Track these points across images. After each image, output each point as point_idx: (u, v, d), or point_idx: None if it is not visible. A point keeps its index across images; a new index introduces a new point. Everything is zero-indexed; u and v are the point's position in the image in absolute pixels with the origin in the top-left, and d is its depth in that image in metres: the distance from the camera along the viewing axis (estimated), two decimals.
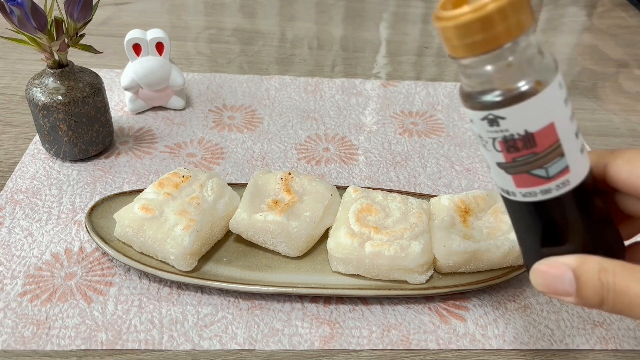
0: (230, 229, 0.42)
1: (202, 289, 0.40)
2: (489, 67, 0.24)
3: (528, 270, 0.28)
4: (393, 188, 0.51)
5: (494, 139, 0.26)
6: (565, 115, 0.25)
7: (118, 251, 0.40)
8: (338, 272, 0.40)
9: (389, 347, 0.37)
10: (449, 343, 0.37)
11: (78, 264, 0.41)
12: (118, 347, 0.35)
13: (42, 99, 0.46)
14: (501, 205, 0.42)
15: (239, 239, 0.42)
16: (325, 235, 0.42)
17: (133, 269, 0.40)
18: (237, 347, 0.36)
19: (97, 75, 0.50)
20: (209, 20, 0.85)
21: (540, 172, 0.25)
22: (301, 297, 0.40)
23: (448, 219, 0.41)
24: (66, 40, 0.46)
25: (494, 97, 0.24)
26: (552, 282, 0.26)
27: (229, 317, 0.38)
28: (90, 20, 0.46)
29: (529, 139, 0.25)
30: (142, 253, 0.40)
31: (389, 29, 0.87)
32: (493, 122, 0.25)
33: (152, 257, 0.40)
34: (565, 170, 0.25)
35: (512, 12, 0.23)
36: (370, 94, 0.67)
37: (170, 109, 0.60)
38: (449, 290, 0.39)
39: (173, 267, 0.39)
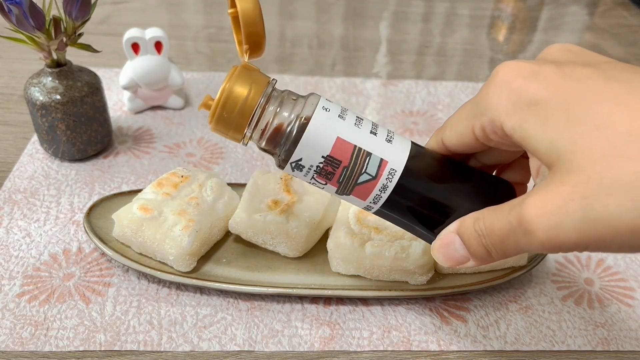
0: (229, 229, 0.41)
1: (201, 290, 0.39)
2: (261, 133, 0.30)
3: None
4: None
5: (313, 177, 0.30)
6: (347, 126, 0.28)
7: (117, 252, 0.39)
8: (338, 273, 0.40)
9: (389, 349, 0.37)
10: (450, 344, 0.37)
11: (76, 264, 0.41)
12: (117, 348, 0.35)
13: (41, 98, 0.46)
14: None
15: (239, 240, 0.42)
16: (325, 236, 0.42)
17: (132, 269, 0.40)
18: (237, 349, 0.36)
19: (95, 74, 0.50)
20: (208, 19, 0.85)
21: (365, 177, 0.28)
22: (301, 298, 0.39)
23: None
24: (64, 39, 0.45)
25: (283, 150, 0.29)
26: (450, 253, 0.27)
27: (228, 318, 0.38)
28: (88, 19, 0.46)
29: (331, 160, 0.28)
30: (140, 253, 0.40)
31: (389, 27, 0.87)
32: (299, 166, 0.29)
33: (151, 258, 0.40)
34: (382, 163, 0.28)
35: (240, 91, 0.29)
36: (370, 93, 0.66)
37: (169, 108, 0.60)
38: (450, 291, 0.38)
39: (172, 267, 0.39)
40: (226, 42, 0.77)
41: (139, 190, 0.43)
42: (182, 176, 0.43)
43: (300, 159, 0.29)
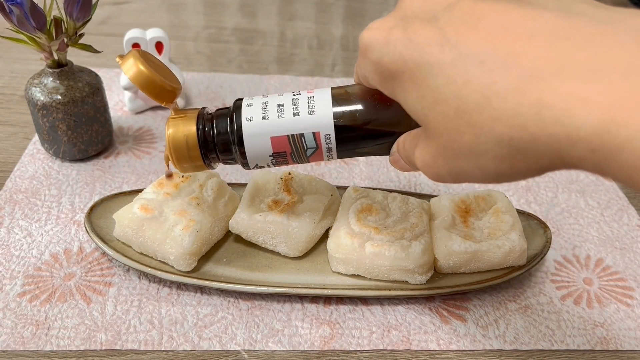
0: (230, 229, 0.42)
1: (201, 290, 0.40)
2: (216, 155, 0.34)
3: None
4: (393, 188, 0.51)
5: (275, 166, 0.34)
6: (273, 123, 0.32)
7: (117, 251, 0.39)
8: (338, 273, 0.40)
9: (389, 348, 0.37)
10: (449, 343, 0.37)
11: (77, 264, 0.41)
12: (117, 347, 0.35)
13: (42, 98, 0.46)
14: (502, 205, 0.42)
15: (239, 239, 0.42)
16: (325, 236, 0.42)
17: (132, 269, 0.40)
18: (237, 348, 0.36)
19: (96, 74, 0.50)
20: (208, 19, 0.85)
21: (310, 150, 0.33)
22: (301, 298, 0.40)
23: (448, 219, 0.41)
24: (65, 39, 0.45)
25: (240, 161, 0.34)
26: (401, 167, 0.31)
27: (228, 318, 0.38)
28: (89, 19, 0.46)
29: (277, 154, 0.33)
30: (141, 253, 0.40)
31: None
32: (259, 167, 0.34)
33: (152, 258, 0.40)
34: (316, 135, 0.32)
35: (178, 133, 0.33)
36: None
37: None
38: (450, 290, 0.39)
39: (172, 267, 0.39)
40: (226, 43, 0.78)
41: (140, 190, 0.44)
42: (182, 176, 0.43)
43: (256, 164, 0.34)
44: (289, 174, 0.44)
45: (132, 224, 0.39)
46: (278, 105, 0.32)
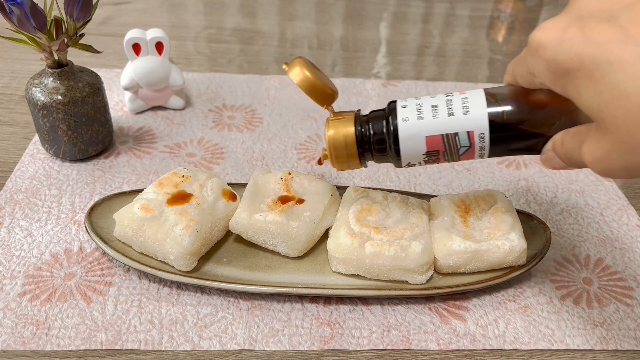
0: (230, 229, 0.42)
1: (201, 289, 0.40)
2: (371, 154, 0.37)
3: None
4: (393, 188, 0.51)
5: (425, 165, 0.37)
6: (428, 123, 0.33)
7: (118, 251, 0.39)
8: (338, 273, 0.40)
9: (389, 348, 0.37)
10: (449, 343, 0.37)
11: (77, 264, 0.41)
12: (117, 347, 0.35)
13: (42, 98, 0.46)
14: (502, 205, 0.42)
15: (239, 239, 0.42)
16: (325, 236, 0.42)
17: (133, 269, 0.40)
18: (237, 348, 0.36)
19: (96, 75, 0.50)
20: (208, 19, 0.85)
21: (462, 149, 0.34)
22: (301, 298, 0.40)
23: (448, 219, 0.41)
24: (66, 40, 0.45)
25: (393, 160, 0.36)
26: (553, 165, 0.32)
27: (228, 318, 0.38)
28: (89, 19, 0.46)
29: (430, 153, 0.34)
30: (141, 253, 0.40)
31: (389, 28, 0.87)
32: (411, 165, 0.36)
33: (152, 257, 0.40)
34: (470, 134, 0.33)
35: (338, 134, 0.36)
36: (370, 93, 0.66)
37: (170, 108, 0.60)
38: (449, 290, 0.39)
39: (173, 267, 0.39)
40: (226, 43, 0.78)
41: (140, 190, 0.44)
42: (182, 176, 0.43)
43: (409, 162, 0.35)
44: (289, 174, 0.44)
45: (133, 224, 0.39)
46: (432, 106, 0.33)
